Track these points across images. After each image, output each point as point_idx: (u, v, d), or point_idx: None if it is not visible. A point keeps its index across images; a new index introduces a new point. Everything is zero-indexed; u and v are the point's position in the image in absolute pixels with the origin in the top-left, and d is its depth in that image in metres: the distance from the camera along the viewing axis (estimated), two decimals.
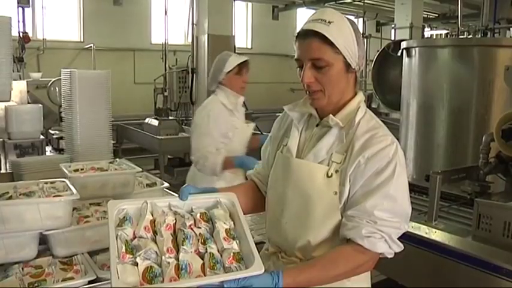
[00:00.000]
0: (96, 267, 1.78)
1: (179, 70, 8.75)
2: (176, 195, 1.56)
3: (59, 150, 4.98)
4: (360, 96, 1.63)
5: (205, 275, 1.29)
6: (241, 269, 1.32)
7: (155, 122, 7.50)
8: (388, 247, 1.48)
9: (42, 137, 4.11)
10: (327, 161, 1.55)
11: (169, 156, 8.02)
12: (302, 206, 1.57)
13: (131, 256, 1.31)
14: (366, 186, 1.48)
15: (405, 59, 4.30)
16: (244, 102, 3.42)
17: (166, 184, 2.51)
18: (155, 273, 1.27)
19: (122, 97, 8.33)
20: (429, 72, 3.98)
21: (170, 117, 8.11)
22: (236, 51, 8.40)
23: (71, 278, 1.69)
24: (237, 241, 1.41)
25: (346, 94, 1.60)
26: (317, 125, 1.65)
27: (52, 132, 5.64)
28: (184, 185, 1.56)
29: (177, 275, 1.27)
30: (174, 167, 7.65)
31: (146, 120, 7.84)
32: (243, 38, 13.04)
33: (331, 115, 1.57)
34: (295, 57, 1.56)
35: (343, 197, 1.51)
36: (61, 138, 4.69)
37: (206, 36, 8.03)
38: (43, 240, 1.89)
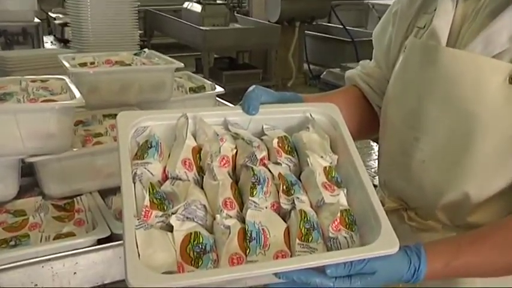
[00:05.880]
0: (111, 216, 1.67)
1: None
2: (231, 105, 1.43)
3: (63, 41, 5.09)
4: None
5: (291, 253, 1.06)
6: (355, 242, 1.09)
7: (197, 8, 7.65)
8: None
9: (37, 20, 4.04)
10: (511, 55, 1.26)
11: (216, 56, 8.17)
12: (458, 134, 1.33)
13: (161, 213, 1.07)
14: None
15: None
16: None
17: (220, 89, 2.38)
18: (204, 245, 1.04)
19: None
20: None
21: (218, 1, 8.25)
22: None
23: (71, 234, 1.55)
24: (345, 190, 1.18)
25: None
26: None
27: (53, 15, 5.80)
28: (250, 88, 1.33)
29: (242, 249, 1.03)
30: (223, 69, 7.76)
31: (185, 5, 8.09)
32: None
33: None
34: None
35: None
36: (66, 24, 4.68)
37: None
38: (28, 171, 1.83)
